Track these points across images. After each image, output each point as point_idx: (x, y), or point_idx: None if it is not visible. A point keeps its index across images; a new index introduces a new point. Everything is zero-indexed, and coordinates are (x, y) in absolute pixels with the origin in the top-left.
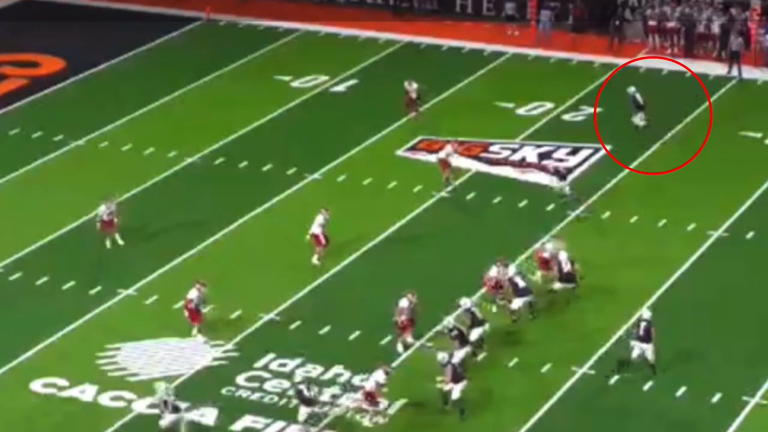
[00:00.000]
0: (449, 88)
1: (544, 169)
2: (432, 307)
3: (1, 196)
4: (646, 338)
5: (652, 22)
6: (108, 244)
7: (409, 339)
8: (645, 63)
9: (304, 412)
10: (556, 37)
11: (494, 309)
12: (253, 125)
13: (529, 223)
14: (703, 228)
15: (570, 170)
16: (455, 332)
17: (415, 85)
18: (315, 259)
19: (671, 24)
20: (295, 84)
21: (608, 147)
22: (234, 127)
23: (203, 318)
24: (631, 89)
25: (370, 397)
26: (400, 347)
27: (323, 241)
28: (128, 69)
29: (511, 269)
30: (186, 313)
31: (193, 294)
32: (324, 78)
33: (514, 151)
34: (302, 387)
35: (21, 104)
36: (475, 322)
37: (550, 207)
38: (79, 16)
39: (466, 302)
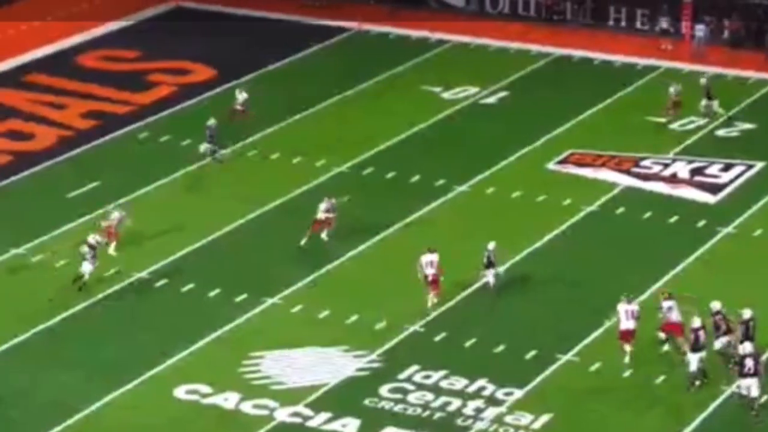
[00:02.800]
0: (601, 101)
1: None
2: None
3: (149, 203)
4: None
5: None
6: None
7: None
8: None
9: None
10: (711, 51)
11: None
12: (402, 136)
13: (680, 239)
14: None
15: (722, 187)
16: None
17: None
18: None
19: None
20: (446, 95)
21: (762, 164)
22: (383, 137)
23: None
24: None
25: None
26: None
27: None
28: (278, 78)
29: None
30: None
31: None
32: (474, 89)
33: (666, 166)
34: None
35: (171, 111)
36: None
37: (701, 223)
38: (231, 23)
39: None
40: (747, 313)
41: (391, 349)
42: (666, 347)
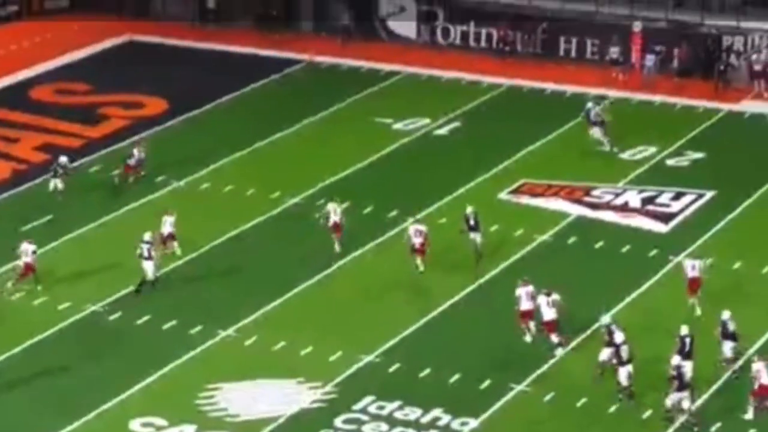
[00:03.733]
0: (552, 131)
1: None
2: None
3: (103, 235)
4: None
5: (756, 67)
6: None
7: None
8: (749, 108)
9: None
10: (661, 81)
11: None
12: (355, 167)
13: (632, 268)
14: None
15: (673, 216)
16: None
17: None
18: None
19: (759, 67)
20: (397, 126)
21: (712, 193)
22: (335, 168)
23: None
24: (589, 104)
25: None
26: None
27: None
28: (230, 110)
29: (606, 318)
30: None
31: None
32: (426, 121)
33: (617, 195)
34: None
35: (124, 145)
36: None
37: (653, 252)
38: (183, 56)
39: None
40: (684, 330)
41: (346, 380)
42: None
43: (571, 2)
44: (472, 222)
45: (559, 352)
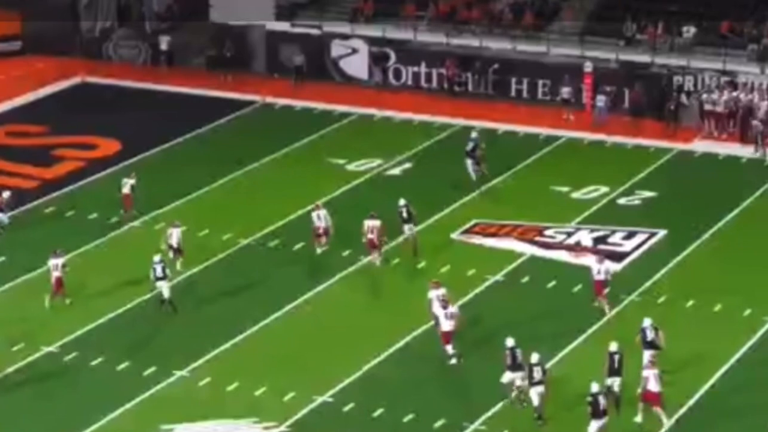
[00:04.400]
0: (504, 171)
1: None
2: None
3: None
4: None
5: (707, 107)
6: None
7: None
8: (701, 147)
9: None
10: (612, 121)
11: None
12: (308, 208)
13: (584, 307)
14: (759, 314)
15: (625, 255)
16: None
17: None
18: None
19: (720, 109)
20: (350, 167)
21: (664, 232)
22: (289, 209)
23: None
24: (474, 135)
25: None
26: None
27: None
28: (184, 151)
29: (510, 341)
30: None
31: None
32: (378, 161)
33: (569, 235)
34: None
35: (77, 186)
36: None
37: (605, 291)
38: (136, 98)
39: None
40: (613, 346)
41: (301, 421)
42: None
43: (521, 43)
44: (405, 214)
45: (454, 362)
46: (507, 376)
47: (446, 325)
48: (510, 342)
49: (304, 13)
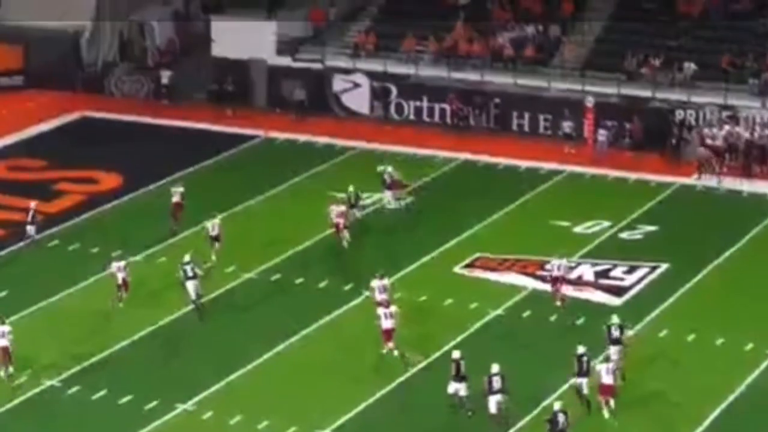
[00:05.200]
0: (506, 205)
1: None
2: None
3: (61, 311)
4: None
5: (708, 141)
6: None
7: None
8: (701, 181)
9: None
10: (613, 155)
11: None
12: (310, 241)
13: (585, 341)
14: (762, 348)
15: (626, 289)
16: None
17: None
18: None
19: (719, 143)
20: (352, 201)
21: (665, 266)
22: (291, 243)
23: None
24: (382, 168)
25: None
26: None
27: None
28: (185, 186)
29: (456, 354)
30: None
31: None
32: (381, 195)
33: (571, 269)
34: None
35: (79, 220)
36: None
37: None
38: (137, 132)
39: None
40: (580, 349)
41: None
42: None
43: (522, 78)
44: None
45: (396, 354)
46: (452, 387)
47: (387, 324)
48: (456, 354)
49: (306, 48)
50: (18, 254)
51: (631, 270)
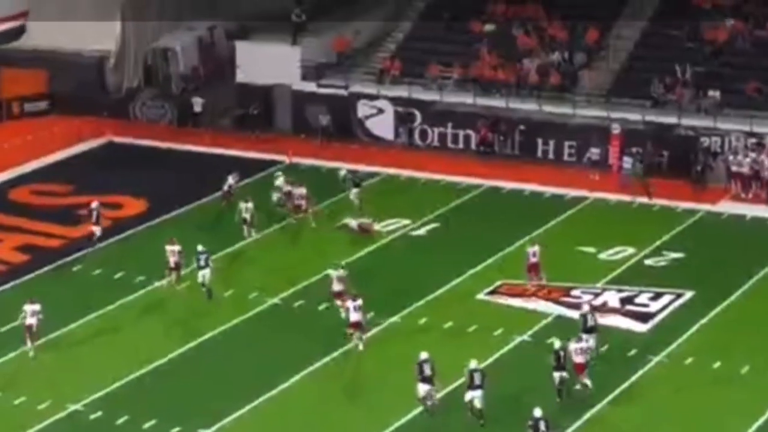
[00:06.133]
0: (531, 232)
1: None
2: None
3: (83, 335)
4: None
5: (734, 168)
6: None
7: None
8: (727, 208)
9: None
10: (638, 182)
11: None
12: (330, 270)
13: (611, 368)
14: None
15: (652, 315)
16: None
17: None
18: None
19: (746, 170)
20: (375, 227)
21: (691, 293)
22: (316, 269)
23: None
24: (343, 172)
25: None
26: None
27: None
28: (210, 211)
29: (423, 355)
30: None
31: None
32: (405, 221)
33: (596, 295)
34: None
35: (104, 245)
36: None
37: (632, 352)
38: (162, 158)
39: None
40: (557, 344)
41: None
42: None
43: (547, 104)
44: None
45: (361, 348)
46: (420, 389)
47: (354, 316)
48: (423, 356)
49: (331, 74)
50: (42, 279)
51: (656, 297)
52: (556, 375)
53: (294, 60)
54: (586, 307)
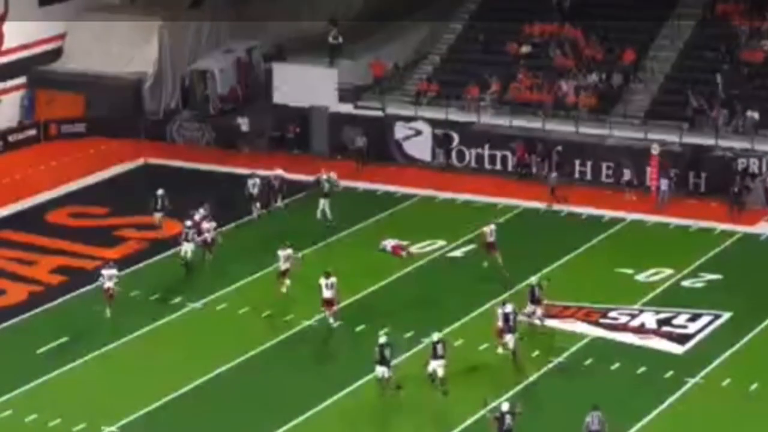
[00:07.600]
0: (568, 253)
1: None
2: None
3: (119, 357)
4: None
5: None
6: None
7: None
8: (765, 230)
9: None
10: (676, 203)
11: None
12: (371, 289)
13: (648, 389)
14: None
15: (690, 337)
16: None
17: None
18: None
19: None
20: (413, 249)
21: (728, 314)
22: (353, 290)
23: None
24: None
25: None
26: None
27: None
28: (246, 232)
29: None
30: None
31: None
32: (441, 243)
33: (633, 317)
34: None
35: (140, 266)
36: None
37: (669, 374)
38: (199, 179)
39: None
40: (508, 307)
41: None
42: None
43: (585, 126)
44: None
45: (335, 325)
46: (378, 370)
47: (327, 293)
48: (382, 339)
49: (368, 95)
50: (77, 301)
51: (694, 318)
52: (507, 337)
53: (331, 82)
54: (534, 279)
